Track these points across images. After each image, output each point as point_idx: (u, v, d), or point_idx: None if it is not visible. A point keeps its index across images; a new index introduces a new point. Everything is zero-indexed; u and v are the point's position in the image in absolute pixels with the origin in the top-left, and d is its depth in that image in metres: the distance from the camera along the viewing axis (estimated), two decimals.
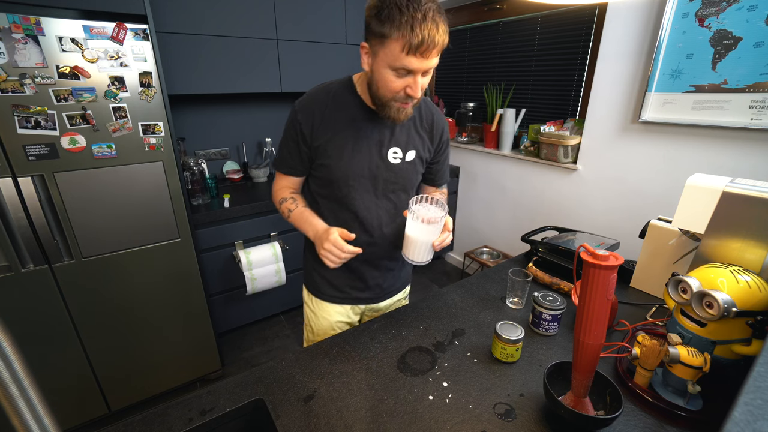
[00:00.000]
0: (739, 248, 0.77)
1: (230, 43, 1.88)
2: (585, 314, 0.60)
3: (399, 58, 0.72)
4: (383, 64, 0.76)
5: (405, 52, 0.71)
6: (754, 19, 1.36)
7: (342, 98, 0.89)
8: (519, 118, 2.40)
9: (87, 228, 1.41)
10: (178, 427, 0.68)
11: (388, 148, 0.92)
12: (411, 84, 0.77)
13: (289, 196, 0.98)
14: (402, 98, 0.80)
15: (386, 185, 0.95)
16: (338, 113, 0.89)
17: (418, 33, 0.69)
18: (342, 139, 0.89)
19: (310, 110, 0.88)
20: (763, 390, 0.35)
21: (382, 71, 0.77)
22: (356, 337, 0.91)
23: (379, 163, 0.92)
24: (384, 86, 0.79)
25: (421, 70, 0.75)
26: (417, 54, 0.71)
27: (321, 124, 0.88)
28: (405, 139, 0.94)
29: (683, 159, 1.65)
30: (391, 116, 0.83)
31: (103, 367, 1.58)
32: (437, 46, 0.72)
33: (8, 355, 0.29)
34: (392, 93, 0.79)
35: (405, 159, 0.95)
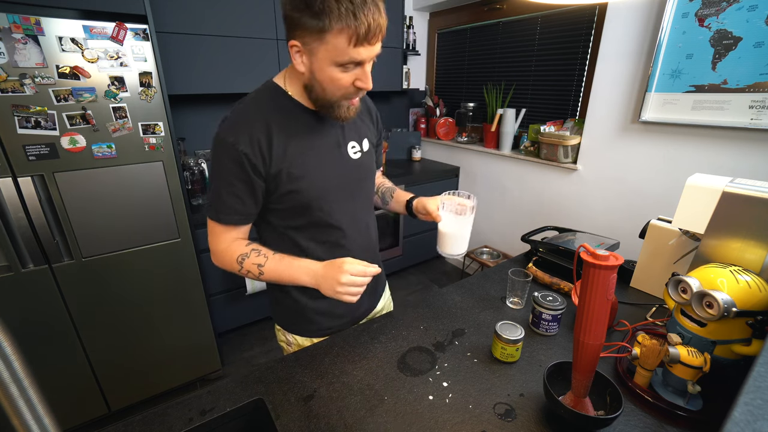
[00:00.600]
0: (739, 248, 0.77)
1: (230, 43, 1.88)
2: (585, 314, 0.60)
3: (346, 51, 0.64)
4: (326, 62, 0.66)
5: (352, 44, 0.63)
6: (754, 19, 1.36)
7: (281, 108, 0.77)
8: (519, 118, 2.40)
9: (87, 228, 1.41)
10: (178, 427, 0.68)
11: (345, 144, 0.84)
12: (360, 76, 0.69)
13: (249, 250, 0.79)
14: (351, 94, 0.72)
15: (357, 183, 0.88)
16: (284, 126, 0.75)
17: (363, 20, 0.61)
18: (301, 154, 0.77)
19: (250, 136, 0.72)
20: (763, 390, 0.35)
21: (326, 69, 0.67)
22: (356, 337, 0.91)
23: (344, 164, 0.84)
24: (331, 85, 0.70)
25: (370, 59, 0.68)
26: (365, 43, 0.64)
27: (271, 147, 0.74)
28: (356, 129, 0.87)
29: (683, 159, 1.65)
30: (340, 116, 0.75)
31: (103, 367, 1.58)
32: (383, 30, 0.65)
33: (8, 355, 0.29)
34: (342, 90, 0.70)
35: (363, 150, 0.88)
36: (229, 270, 0.82)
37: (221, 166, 0.74)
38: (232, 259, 0.80)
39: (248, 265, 0.79)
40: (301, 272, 0.79)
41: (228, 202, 0.76)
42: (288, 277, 0.80)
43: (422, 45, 3.01)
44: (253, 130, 0.73)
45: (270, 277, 0.80)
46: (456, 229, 0.90)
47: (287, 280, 0.80)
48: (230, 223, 0.78)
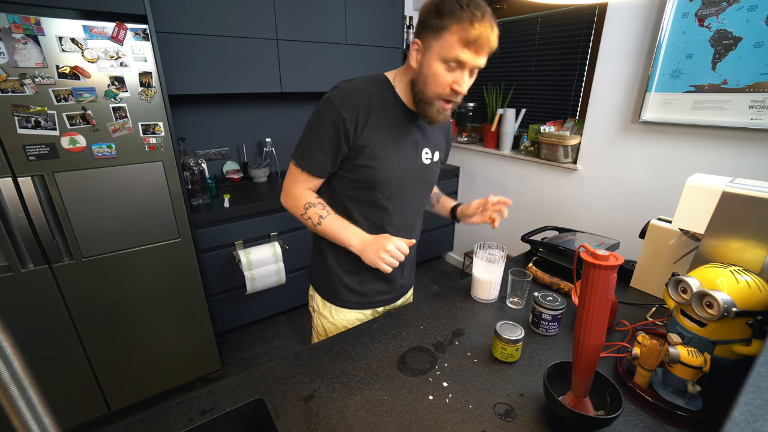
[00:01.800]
0: (739, 248, 0.77)
1: (230, 43, 1.88)
2: (585, 314, 0.60)
3: (454, 48, 0.74)
4: (436, 56, 0.77)
5: (462, 44, 0.74)
6: (754, 19, 1.36)
7: (384, 97, 0.87)
8: (519, 118, 2.40)
9: (87, 228, 1.41)
10: (178, 427, 0.68)
11: (422, 148, 0.93)
12: (458, 79, 0.78)
13: (317, 201, 0.91)
14: (447, 95, 0.80)
15: (419, 185, 0.97)
16: (382, 112, 0.86)
17: (477, 27, 0.72)
18: (386, 139, 0.87)
19: (354, 106, 0.83)
20: (763, 390, 0.35)
21: (433, 64, 0.78)
22: (356, 337, 0.91)
23: (415, 164, 0.93)
24: (433, 80, 0.79)
25: (471, 65, 0.77)
26: (471, 48, 0.74)
27: (366, 123, 0.84)
28: (434, 140, 0.97)
29: (683, 159, 1.65)
30: (431, 116, 0.83)
31: (103, 367, 1.58)
32: (490, 46, 0.75)
33: (8, 355, 0.29)
34: (440, 88, 0.79)
35: (433, 159, 0.97)
36: (292, 211, 0.94)
37: (320, 123, 0.85)
38: (300, 203, 0.91)
39: (312, 213, 0.90)
40: (352, 235, 0.89)
41: (315, 154, 0.87)
42: (340, 236, 0.89)
43: None
44: (358, 103, 0.83)
45: (325, 230, 0.90)
46: (488, 275, 1.02)
47: (339, 238, 0.90)
48: (310, 173, 0.89)
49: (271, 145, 2.41)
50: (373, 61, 2.45)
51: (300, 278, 2.28)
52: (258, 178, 2.33)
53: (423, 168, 0.95)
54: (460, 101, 0.84)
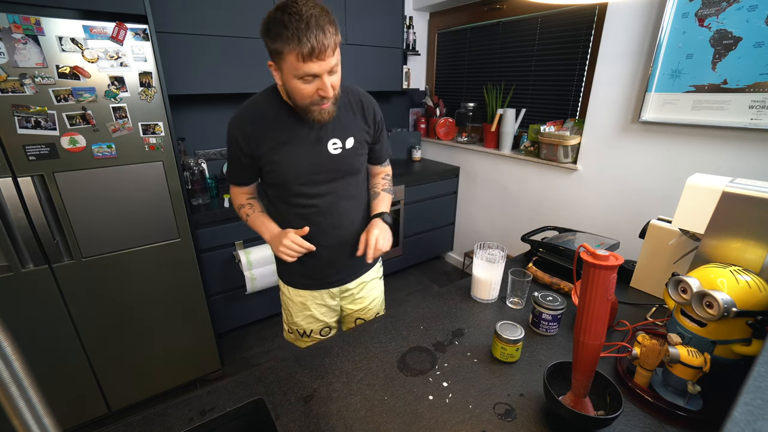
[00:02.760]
0: (739, 248, 0.77)
1: (230, 43, 1.87)
2: (585, 314, 0.60)
3: (299, 67, 0.78)
4: (289, 76, 0.82)
5: (301, 61, 0.77)
6: (754, 19, 1.36)
7: (270, 107, 0.95)
8: (519, 118, 2.40)
9: (87, 228, 1.41)
10: (178, 427, 0.68)
11: (327, 141, 0.98)
12: (320, 86, 0.82)
13: (246, 202, 1.07)
14: (318, 101, 0.85)
15: (334, 174, 1.01)
16: (271, 121, 0.94)
17: (306, 42, 0.74)
18: (281, 142, 0.94)
19: (242, 125, 0.94)
20: (763, 390, 0.35)
21: (291, 82, 0.83)
22: (356, 337, 0.91)
23: (320, 156, 0.98)
24: (298, 95, 0.85)
25: (323, 71, 0.80)
26: (313, 59, 0.77)
27: (255, 134, 0.94)
28: (340, 129, 0.99)
29: (683, 159, 1.65)
30: (316, 119, 0.89)
31: (103, 367, 1.58)
32: (328, 48, 0.77)
33: (8, 355, 0.29)
34: (308, 99, 0.84)
35: (345, 147, 1.00)
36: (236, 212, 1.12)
37: (228, 146, 1.00)
38: (235, 205, 1.10)
39: (242, 212, 1.08)
40: (265, 230, 1.03)
41: (230, 170, 1.05)
42: (259, 232, 1.04)
43: (422, 45, 3.01)
44: (246, 121, 0.95)
45: (251, 225, 1.06)
46: (488, 275, 1.02)
47: (258, 231, 1.05)
48: (233, 183, 1.07)
49: None
50: (373, 61, 2.45)
51: None
52: None
53: (332, 158, 0.99)
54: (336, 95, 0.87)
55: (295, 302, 1.17)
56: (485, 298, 1.05)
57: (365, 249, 0.99)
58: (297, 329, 1.20)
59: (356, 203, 1.10)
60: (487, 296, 1.05)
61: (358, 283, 1.18)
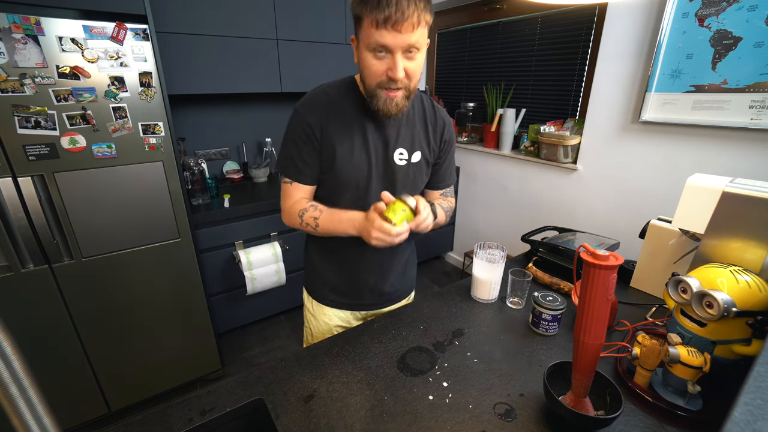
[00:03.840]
0: (739, 248, 0.77)
1: (230, 43, 1.88)
2: (585, 314, 0.60)
3: (372, 35, 0.71)
4: (364, 47, 0.75)
5: (375, 26, 0.70)
6: (754, 19, 1.36)
7: (345, 98, 0.87)
8: (519, 118, 2.40)
9: (87, 228, 1.41)
10: (178, 427, 0.68)
11: (394, 149, 0.90)
12: (391, 65, 0.74)
13: (308, 205, 0.90)
14: (386, 83, 0.77)
15: (394, 186, 0.93)
16: (343, 112, 0.86)
17: (384, 7, 0.68)
18: (349, 139, 0.86)
19: (316, 111, 0.85)
20: (763, 390, 0.35)
21: (364, 55, 0.76)
22: (356, 337, 0.91)
23: (385, 164, 0.90)
24: (367, 71, 0.77)
25: (397, 46, 0.72)
26: (387, 27, 0.69)
27: (329, 124, 0.85)
28: (410, 139, 0.92)
29: (683, 159, 1.65)
30: (380, 108, 0.80)
31: (103, 367, 1.58)
32: (408, 19, 0.69)
33: (8, 355, 0.29)
34: (376, 77, 0.77)
35: (411, 160, 0.93)
36: (293, 225, 0.93)
37: (293, 132, 0.87)
38: (294, 214, 0.90)
39: (307, 218, 0.89)
40: (348, 224, 0.85)
41: (295, 162, 0.89)
42: (339, 229, 0.87)
43: None
44: (319, 107, 0.85)
45: (325, 229, 0.88)
46: (488, 275, 1.02)
47: (339, 231, 0.87)
48: (296, 180, 0.90)
49: (271, 145, 2.41)
50: None
51: (300, 278, 2.28)
52: (258, 178, 2.33)
53: (395, 169, 0.91)
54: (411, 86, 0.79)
55: (318, 320, 1.08)
56: (485, 298, 1.05)
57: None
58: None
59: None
60: (487, 296, 1.05)
61: (389, 310, 1.10)
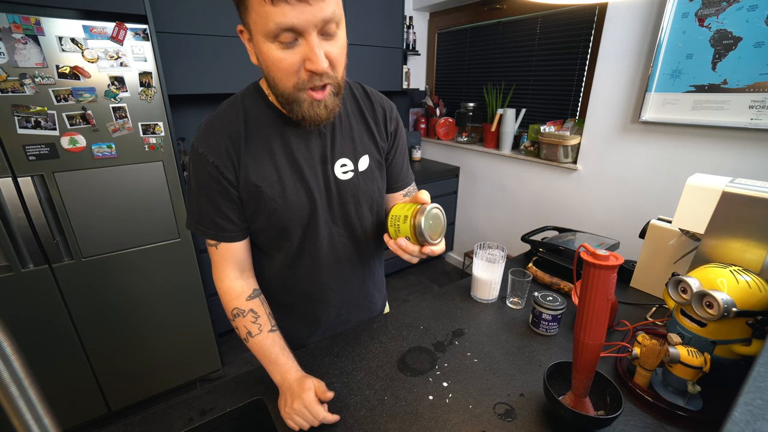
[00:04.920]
0: (739, 248, 0.77)
1: (230, 43, 1.87)
2: (585, 314, 0.60)
3: (269, 15, 0.50)
4: (260, 37, 0.54)
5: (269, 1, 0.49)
6: (754, 19, 1.36)
7: (255, 114, 0.67)
8: (519, 118, 2.40)
9: (87, 228, 1.41)
10: (178, 427, 0.68)
11: (333, 162, 0.71)
12: (307, 53, 0.54)
13: (248, 309, 0.71)
14: (306, 81, 0.57)
15: (345, 207, 0.75)
16: (255, 136, 0.66)
17: None
18: (273, 169, 0.67)
19: (219, 146, 0.65)
20: (763, 390, 0.35)
21: (264, 49, 0.55)
22: (356, 337, 0.91)
23: (327, 185, 0.72)
24: (275, 69, 0.56)
25: (308, 24, 0.51)
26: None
27: (240, 158, 0.65)
28: (350, 144, 0.73)
29: (683, 159, 1.65)
30: (305, 116, 0.61)
31: (103, 367, 1.58)
32: None
33: (8, 355, 0.29)
34: (290, 76, 0.56)
35: (358, 169, 0.74)
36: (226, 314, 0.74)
37: (198, 179, 0.66)
38: (227, 304, 0.72)
39: (239, 324, 0.71)
40: (275, 369, 0.70)
41: (210, 218, 0.68)
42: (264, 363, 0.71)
43: (422, 45, 3.01)
44: (223, 139, 0.64)
45: (252, 350, 0.71)
46: (488, 275, 1.01)
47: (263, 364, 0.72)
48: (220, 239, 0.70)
49: None
50: (373, 61, 2.45)
51: None
52: None
53: (342, 186, 0.72)
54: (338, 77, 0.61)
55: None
56: (485, 298, 1.05)
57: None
58: None
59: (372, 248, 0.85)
60: (487, 296, 1.05)
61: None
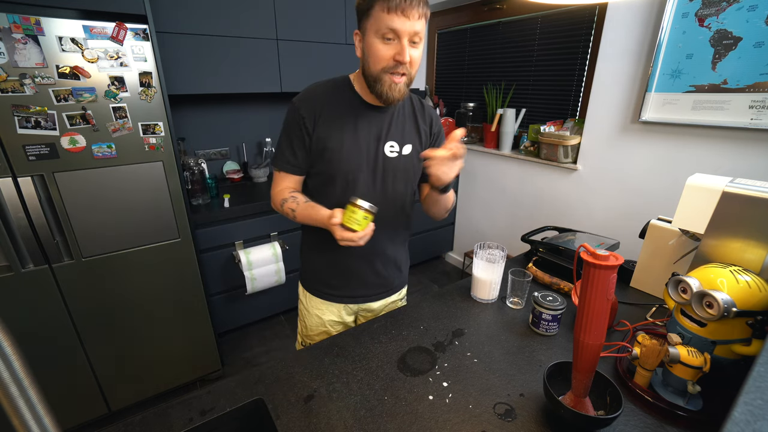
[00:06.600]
0: (739, 248, 0.77)
1: (230, 43, 1.88)
2: (585, 314, 0.60)
3: (383, 20, 0.77)
4: (371, 35, 0.81)
5: (386, 12, 0.77)
6: (754, 19, 1.36)
7: (339, 93, 0.93)
8: (519, 118, 2.40)
9: (87, 228, 1.41)
10: (178, 427, 0.68)
11: (385, 141, 0.95)
12: (399, 50, 0.80)
13: (289, 196, 0.96)
14: (392, 67, 0.82)
15: (385, 178, 0.97)
16: (336, 107, 0.92)
17: None
18: (341, 132, 0.91)
19: (310, 104, 0.91)
20: (763, 390, 0.35)
21: (371, 42, 0.81)
22: (356, 337, 0.91)
23: (376, 156, 0.94)
24: (374, 57, 0.82)
25: (405, 31, 0.78)
26: (398, 12, 0.76)
27: (321, 118, 0.91)
28: (401, 133, 0.96)
29: (683, 159, 1.65)
30: (384, 93, 0.85)
31: (103, 367, 1.58)
32: (415, 7, 0.77)
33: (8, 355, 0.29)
34: (383, 62, 0.81)
35: (402, 153, 0.97)
36: (277, 210, 1.00)
37: (288, 124, 0.94)
38: (277, 201, 0.99)
39: (286, 207, 0.96)
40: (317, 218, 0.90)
41: (283, 153, 0.96)
42: (310, 221, 0.93)
43: None
44: (314, 101, 0.91)
45: (300, 220, 0.95)
46: (488, 275, 1.02)
47: (310, 223, 0.94)
48: (284, 170, 0.97)
49: (271, 145, 2.41)
50: None
51: None
52: (258, 178, 2.33)
53: (387, 161, 0.95)
54: (411, 73, 0.85)
55: (310, 314, 1.10)
56: (485, 298, 1.05)
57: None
58: (310, 342, 1.13)
59: (400, 220, 1.04)
60: (487, 296, 1.05)
61: (382, 304, 1.13)
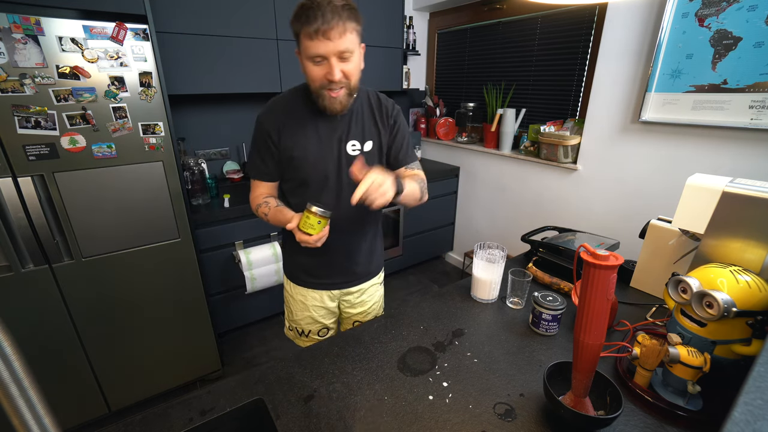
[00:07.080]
0: (739, 248, 0.77)
1: (230, 42, 1.87)
2: (585, 314, 0.60)
3: (309, 46, 0.82)
4: (304, 58, 0.86)
5: (309, 39, 0.81)
6: (754, 19, 1.36)
7: (297, 102, 0.99)
8: (519, 118, 2.40)
9: (87, 228, 1.41)
10: (178, 427, 0.68)
11: (347, 141, 1.00)
12: (328, 70, 0.85)
13: (263, 201, 1.04)
14: (327, 85, 0.87)
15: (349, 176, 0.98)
16: (298, 117, 0.98)
17: (312, 19, 0.79)
18: (305, 139, 0.97)
19: (272, 118, 0.98)
20: (763, 390, 0.35)
21: (305, 64, 0.87)
22: (356, 337, 0.91)
23: (339, 156, 1.00)
24: (309, 77, 0.89)
25: (329, 53, 0.82)
26: (320, 37, 0.80)
27: (285, 128, 0.97)
28: (361, 131, 1.01)
29: (683, 159, 1.65)
30: (326, 106, 0.91)
31: (103, 367, 1.58)
32: (334, 28, 0.79)
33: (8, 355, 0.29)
34: (317, 81, 0.87)
35: (364, 150, 1.02)
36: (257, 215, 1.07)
37: (255, 137, 1.02)
38: (253, 206, 1.07)
39: (260, 212, 1.04)
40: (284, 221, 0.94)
41: (255, 162, 1.04)
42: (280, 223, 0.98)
43: (422, 45, 3.01)
44: (275, 113, 0.98)
45: (272, 221, 1.01)
46: (488, 275, 1.02)
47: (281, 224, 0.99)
48: (257, 178, 1.06)
49: None
50: (372, 60, 2.44)
51: None
52: None
53: (351, 159, 1.00)
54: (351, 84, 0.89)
55: (295, 300, 1.18)
56: (485, 298, 1.05)
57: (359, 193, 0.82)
58: (296, 327, 1.22)
59: (370, 213, 1.08)
60: (487, 296, 1.05)
61: (359, 288, 1.19)
